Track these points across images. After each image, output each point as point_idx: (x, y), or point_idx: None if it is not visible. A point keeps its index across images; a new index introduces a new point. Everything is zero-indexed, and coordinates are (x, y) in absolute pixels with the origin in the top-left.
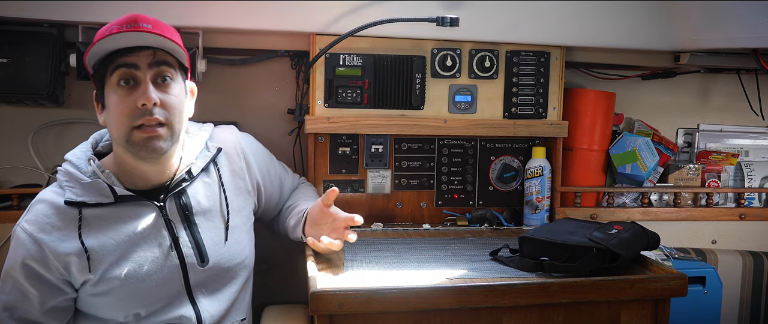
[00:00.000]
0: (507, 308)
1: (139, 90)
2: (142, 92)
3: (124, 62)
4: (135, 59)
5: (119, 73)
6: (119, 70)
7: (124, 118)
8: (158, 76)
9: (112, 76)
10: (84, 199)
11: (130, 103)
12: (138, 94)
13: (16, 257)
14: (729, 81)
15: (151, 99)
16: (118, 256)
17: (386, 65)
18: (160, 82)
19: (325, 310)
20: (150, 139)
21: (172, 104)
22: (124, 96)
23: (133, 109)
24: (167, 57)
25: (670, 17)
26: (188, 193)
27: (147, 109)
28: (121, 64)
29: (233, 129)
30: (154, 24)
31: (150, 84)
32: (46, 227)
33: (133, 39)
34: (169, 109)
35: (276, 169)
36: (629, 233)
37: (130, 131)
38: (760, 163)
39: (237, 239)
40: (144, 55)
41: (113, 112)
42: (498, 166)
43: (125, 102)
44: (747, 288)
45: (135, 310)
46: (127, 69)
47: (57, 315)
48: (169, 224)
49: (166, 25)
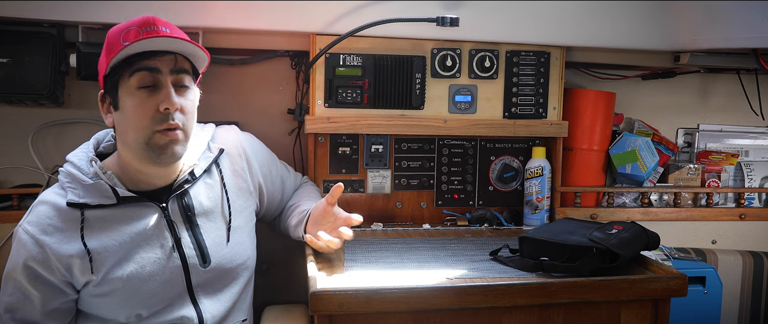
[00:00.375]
0: (507, 308)
1: (160, 94)
2: (164, 96)
3: (146, 66)
4: (157, 64)
5: (140, 76)
6: (140, 73)
7: (147, 121)
8: (178, 82)
9: (130, 79)
10: (86, 200)
11: (152, 106)
12: (160, 98)
13: (17, 258)
14: (729, 81)
15: (174, 104)
16: (121, 257)
17: (386, 65)
18: (178, 87)
19: (325, 310)
20: (170, 143)
21: (189, 110)
22: (144, 99)
23: (155, 113)
24: (185, 63)
25: (670, 17)
26: (191, 194)
27: (169, 113)
28: (142, 68)
29: (235, 129)
30: (171, 28)
31: (172, 88)
32: (48, 229)
33: (159, 44)
34: (186, 114)
35: (278, 169)
36: (629, 233)
37: (151, 134)
38: (760, 163)
39: (239, 240)
40: (166, 60)
41: (131, 115)
42: (498, 166)
43: (146, 105)
44: (747, 288)
45: (137, 311)
46: (149, 73)
47: (58, 316)
48: (171, 225)
49: (179, 29)
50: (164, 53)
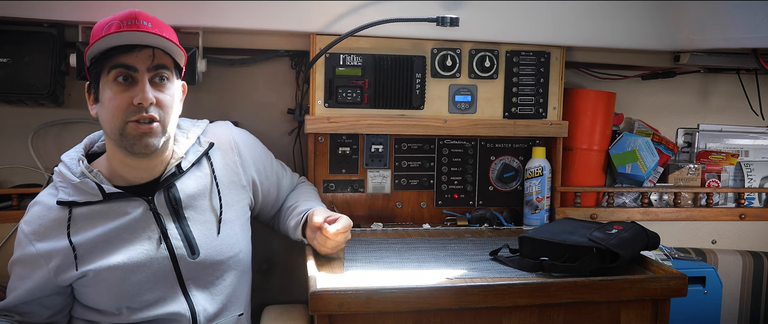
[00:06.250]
0: (507, 308)
1: (136, 88)
2: (139, 91)
3: (122, 63)
4: (133, 60)
5: (117, 72)
6: (116, 69)
7: (120, 113)
8: (156, 77)
9: (110, 73)
10: (75, 198)
11: (126, 99)
12: (135, 92)
13: (15, 254)
14: (729, 81)
15: (148, 99)
16: (107, 250)
17: (386, 65)
18: (157, 81)
19: (325, 310)
20: (144, 134)
21: (167, 103)
22: (119, 92)
23: (129, 105)
24: (165, 58)
25: (670, 17)
26: (177, 186)
27: (142, 107)
28: (119, 64)
29: (228, 124)
30: (153, 22)
31: (147, 83)
32: (38, 229)
33: (133, 38)
34: (163, 108)
35: (273, 166)
36: (629, 233)
37: (124, 125)
38: (760, 163)
39: (230, 233)
40: (143, 55)
41: (108, 106)
42: (498, 166)
43: (121, 97)
44: (747, 288)
45: (127, 302)
46: (125, 70)
47: (53, 307)
48: (157, 217)
49: (164, 24)
50: (142, 48)
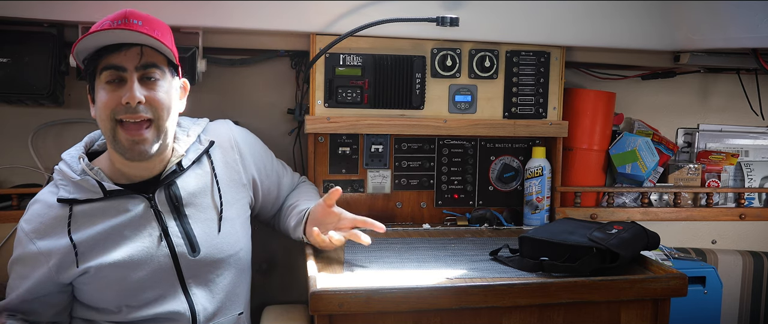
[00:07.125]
0: (507, 308)
1: (124, 87)
2: (126, 90)
3: (112, 64)
4: (122, 60)
5: (107, 73)
6: (107, 71)
7: (109, 112)
8: (146, 75)
9: (101, 75)
10: (75, 196)
11: (115, 98)
12: (123, 91)
13: (15, 253)
14: (729, 81)
15: (135, 98)
16: (107, 247)
17: (386, 65)
18: (147, 80)
19: (325, 310)
20: (135, 143)
21: (160, 101)
22: (110, 93)
23: (117, 105)
24: (155, 57)
25: (670, 17)
26: (178, 184)
27: (130, 106)
28: (109, 65)
29: (228, 122)
30: (145, 20)
31: (136, 82)
32: (39, 227)
33: (118, 36)
34: (155, 106)
35: (273, 165)
36: (629, 233)
37: (114, 126)
38: (760, 163)
39: (231, 230)
40: (131, 54)
41: (99, 107)
42: (498, 166)
43: (110, 97)
44: (747, 288)
45: (127, 300)
46: (115, 71)
47: (53, 306)
48: (158, 215)
49: (158, 22)
50: (130, 46)
